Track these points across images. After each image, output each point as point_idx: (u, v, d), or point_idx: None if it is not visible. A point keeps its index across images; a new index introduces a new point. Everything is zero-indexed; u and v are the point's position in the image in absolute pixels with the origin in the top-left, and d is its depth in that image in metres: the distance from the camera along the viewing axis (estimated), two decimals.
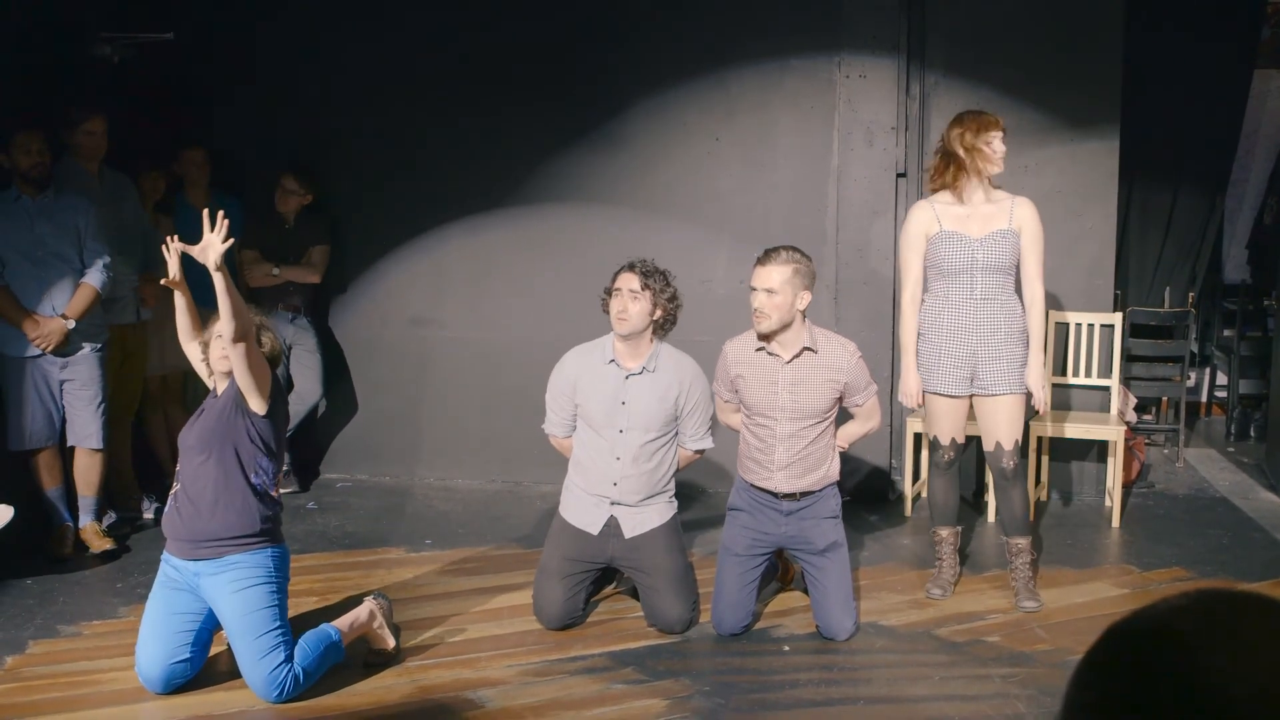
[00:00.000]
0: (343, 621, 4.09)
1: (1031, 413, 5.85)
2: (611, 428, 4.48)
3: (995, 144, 4.58)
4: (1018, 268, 4.65)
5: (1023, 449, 4.92)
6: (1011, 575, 4.77)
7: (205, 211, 3.83)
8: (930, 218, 4.66)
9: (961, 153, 4.59)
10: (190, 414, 4.14)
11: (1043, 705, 3.84)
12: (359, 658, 4.14)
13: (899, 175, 6.05)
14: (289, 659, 3.84)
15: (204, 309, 4.14)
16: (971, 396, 4.70)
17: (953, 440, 4.76)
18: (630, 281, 4.42)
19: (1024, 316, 4.64)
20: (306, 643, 3.93)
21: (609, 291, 4.49)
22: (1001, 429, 4.65)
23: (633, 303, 4.40)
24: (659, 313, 4.46)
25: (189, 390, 6.23)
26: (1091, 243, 6.06)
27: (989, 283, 4.58)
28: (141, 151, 6.03)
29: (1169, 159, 7.35)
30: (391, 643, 4.19)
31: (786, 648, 4.36)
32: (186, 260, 3.91)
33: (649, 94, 6.26)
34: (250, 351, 3.83)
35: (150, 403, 6.17)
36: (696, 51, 6.18)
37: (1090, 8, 5.91)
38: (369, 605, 4.18)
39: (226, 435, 3.89)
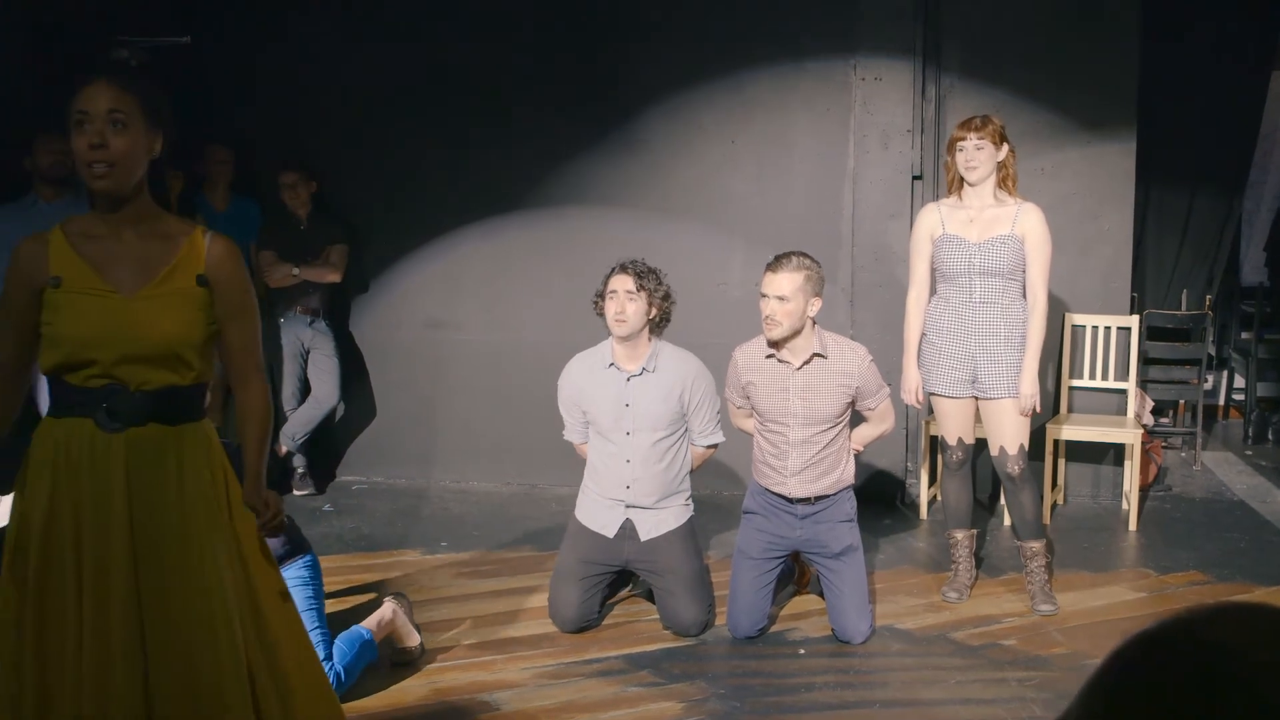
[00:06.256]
0: (370, 622, 4.12)
1: (1050, 413, 5.85)
2: (619, 431, 4.48)
3: (967, 150, 4.55)
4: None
5: (1035, 452, 4.90)
6: (1027, 579, 4.75)
7: None
8: (935, 220, 4.67)
9: (949, 159, 4.64)
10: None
11: (1059, 709, 3.81)
12: (385, 659, 4.16)
13: (914, 178, 6.05)
14: (329, 658, 3.86)
15: None
16: (975, 399, 4.69)
17: (960, 441, 4.75)
18: (625, 283, 4.42)
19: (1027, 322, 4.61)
20: (343, 643, 3.95)
21: (601, 295, 4.50)
22: (1005, 433, 4.63)
23: (629, 303, 4.40)
24: (654, 311, 4.46)
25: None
26: (1108, 245, 6.04)
27: (988, 287, 4.57)
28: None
29: (1186, 161, 7.32)
30: (416, 639, 4.23)
31: (802, 651, 4.36)
32: None
33: (665, 97, 6.27)
34: None
35: None
36: (712, 54, 6.19)
37: (1106, 10, 5.90)
38: (390, 605, 4.22)
39: None
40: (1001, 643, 4.39)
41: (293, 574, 3.89)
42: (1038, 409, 4.64)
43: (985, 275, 4.56)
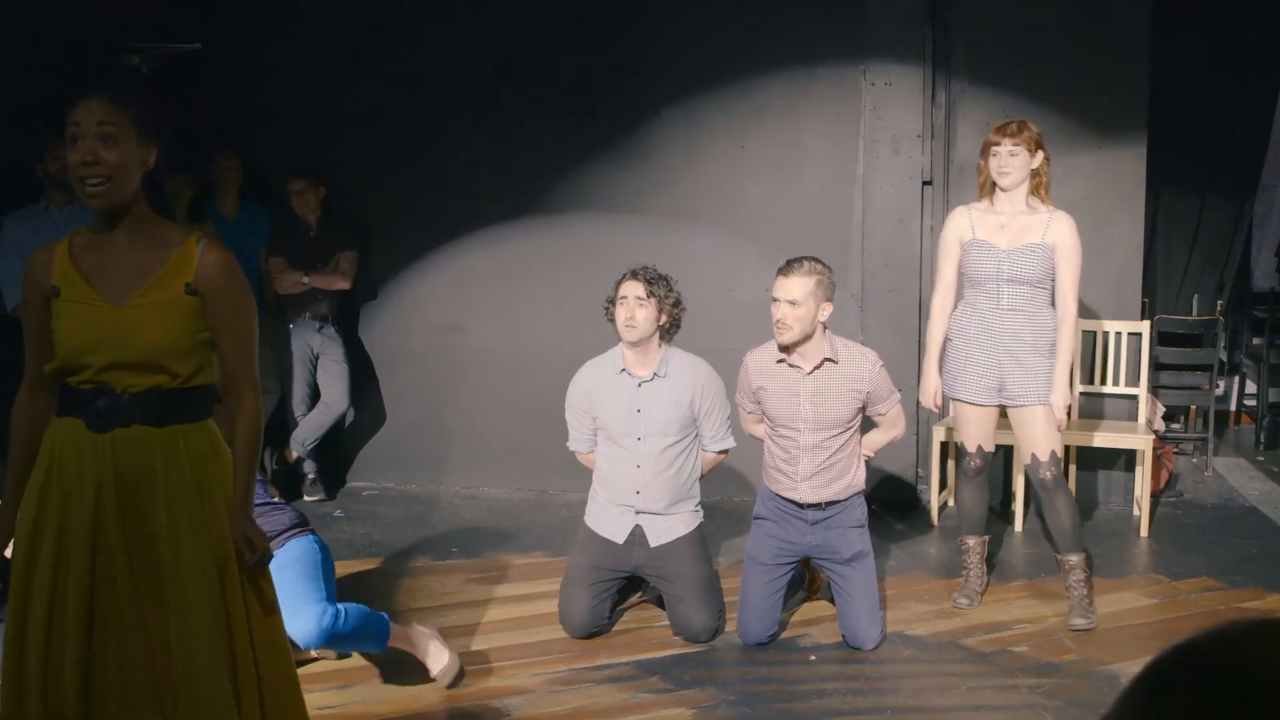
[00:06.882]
0: (398, 625, 4.04)
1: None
2: (629, 436, 4.49)
3: (1001, 155, 4.52)
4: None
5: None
6: (1067, 592, 4.65)
7: None
8: (965, 224, 4.64)
9: (982, 163, 4.62)
10: None
11: (1070, 716, 3.81)
12: (418, 672, 4.05)
13: (925, 183, 6.04)
14: (332, 600, 3.85)
15: None
16: (1003, 407, 4.67)
17: (979, 448, 4.73)
18: (635, 289, 4.45)
19: (1056, 330, 4.57)
20: (354, 605, 3.91)
21: (613, 301, 4.53)
22: (1037, 440, 4.60)
23: (639, 309, 4.43)
24: (664, 318, 4.49)
25: None
26: (1119, 250, 6.03)
27: (1016, 294, 4.54)
28: (169, 157, 6.06)
29: (1196, 166, 7.30)
30: (442, 663, 4.02)
31: (813, 657, 4.35)
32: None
33: (675, 102, 6.27)
34: None
35: None
36: (723, 60, 6.19)
37: (1117, 14, 5.89)
38: (418, 627, 4.10)
39: None
40: (1012, 649, 4.37)
41: (303, 545, 3.91)
42: (1067, 418, 4.62)
43: (1014, 283, 4.53)
